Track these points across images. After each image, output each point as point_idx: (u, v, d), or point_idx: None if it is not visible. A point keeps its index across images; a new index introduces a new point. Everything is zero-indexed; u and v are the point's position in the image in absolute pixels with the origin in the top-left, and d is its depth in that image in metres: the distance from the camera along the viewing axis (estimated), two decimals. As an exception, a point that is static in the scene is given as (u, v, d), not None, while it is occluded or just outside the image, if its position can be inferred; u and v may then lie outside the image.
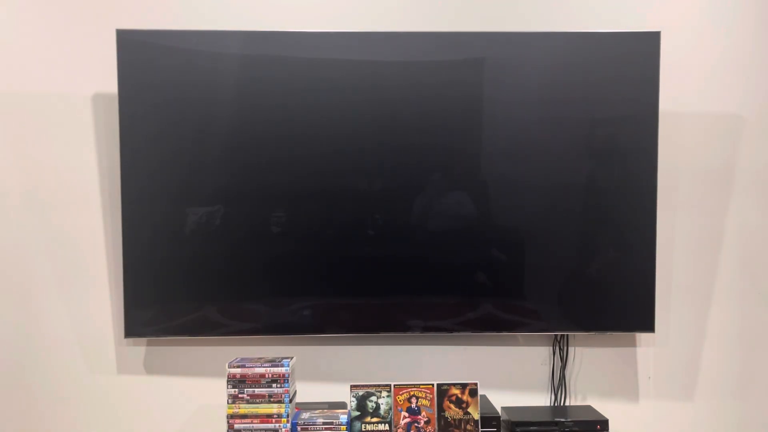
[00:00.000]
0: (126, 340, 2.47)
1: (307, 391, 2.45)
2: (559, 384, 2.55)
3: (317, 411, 2.27)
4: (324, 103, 2.36)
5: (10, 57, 2.44)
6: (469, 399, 2.25)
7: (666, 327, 2.57)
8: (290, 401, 2.20)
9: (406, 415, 2.24)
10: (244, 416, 2.17)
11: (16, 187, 2.46)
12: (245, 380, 2.18)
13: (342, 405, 2.35)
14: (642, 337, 2.58)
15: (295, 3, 2.49)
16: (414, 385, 2.26)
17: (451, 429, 2.24)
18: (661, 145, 2.39)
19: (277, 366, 2.19)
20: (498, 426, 2.26)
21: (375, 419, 2.24)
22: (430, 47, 2.37)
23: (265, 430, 2.17)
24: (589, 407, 2.47)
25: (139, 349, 2.52)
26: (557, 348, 2.55)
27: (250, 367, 2.18)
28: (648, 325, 2.43)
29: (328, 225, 2.40)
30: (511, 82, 2.38)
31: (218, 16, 2.47)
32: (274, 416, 2.17)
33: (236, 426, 2.17)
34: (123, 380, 2.52)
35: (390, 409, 2.24)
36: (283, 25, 2.43)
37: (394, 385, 2.25)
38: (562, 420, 2.30)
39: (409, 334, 2.46)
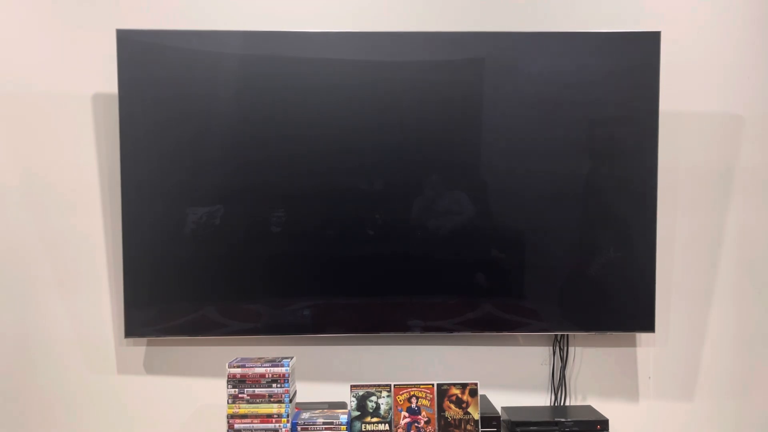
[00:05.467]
0: (126, 340, 2.47)
1: (307, 391, 2.45)
2: (559, 384, 2.55)
3: (317, 411, 2.27)
4: (324, 102, 2.36)
5: (10, 57, 2.44)
6: (469, 399, 2.25)
7: (666, 327, 2.57)
8: (290, 401, 2.20)
9: (406, 415, 2.24)
10: (244, 416, 2.17)
11: (16, 187, 2.46)
12: (245, 380, 2.18)
13: (342, 405, 2.35)
14: (642, 337, 2.58)
15: (295, 3, 2.49)
16: (414, 385, 2.26)
17: (451, 429, 2.24)
18: (661, 145, 2.39)
19: (277, 366, 2.19)
20: (498, 426, 2.26)
21: (375, 419, 2.24)
22: (430, 47, 2.38)
23: (265, 430, 2.17)
24: (589, 407, 2.47)
25: (139, 349, 2.52)
26: (557, 348, 2.55)
27: (250, 367, 2.18)
28: (648, 325, 2.43)
29: (328, 225, 2.40)
30: (511, 82, 2.38)
31: (218, 16, 2.47)
32: (274, 416, 2.17)
33: (236, 426, 2.17)
34: (123, 380, 2.52)
35: (390, 409, 2.24)
36: (283, 25, 2.43)
37: (394, 385, 2.25)
38: (562, 420, 2.30)
39: (409, 334, 2.46)
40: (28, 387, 2.49)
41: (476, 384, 2.26)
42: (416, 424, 2.24)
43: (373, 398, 2.25)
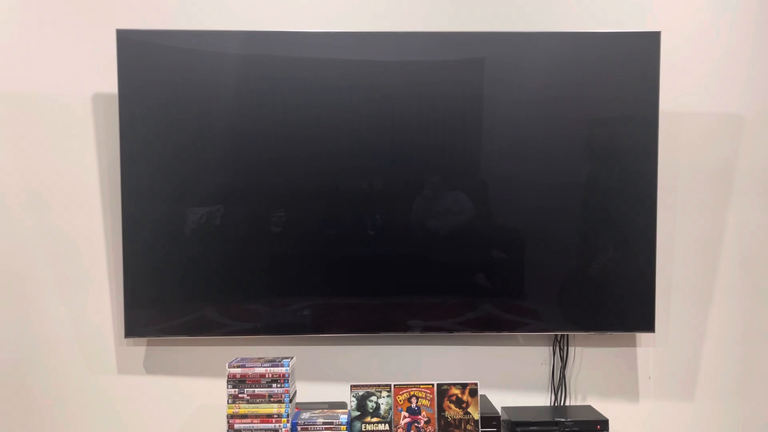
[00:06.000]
0: (126, 340, 2.47)
1: (307, 391, 2.45)
2: (559, 384, 2.55)
3: (317, 411, 2.27)
4: (324, 103, 2.36)
5: (10, 57, 2.44)
6: (469, 399, 2.25)
7: (666, 327, 2.57)
8: (290, 401, 2.20)
9: (406, 415, 2.24)
10: (244, 416, 2.17)
11: (16, 187, 2.46)
12: (245, 380, 2.18)
13: (342, 405, 2.35)
14: (642, 337, 2.58)
15: (295, 3, 2.49)
16: (414, 385, 2.26)
17: (451, 429, 2.24)
18: (661, 145, 2.39)
19: (277, 366, 2.19)
20: (498, 426, 2.26)
21: (375, 419, 2.24)
22: (430, 47, 2.37)
23: (265, 430, 2.17)
24: (589, 407, 2.47)
25: (139, 349, 2.52)
26: (557, 348, 2.55)
27: (250, 367, 2.18)
28: (648, 325, 2.43)
29: (328, 225, 2.40)
30: (511, 82, 2.38)
31: (218, 16, 2.47)
32: (274, 416, 2.17)
33: (236, 426, 2.17)
34: (123, 380, 2.52)
35: (390, 409, 2.24)
36: (283, 25, 2.43)
37: (394, 385, 2.25)
38: (562, 420, 2.30)
39: (409, 334, 2.46)
40: (28, 387, 2.49)
41: (476, 384, 2.26)
42: (416, 424, 2.24)
43: (373, 398, 2.25)
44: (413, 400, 2.24)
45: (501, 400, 2.47)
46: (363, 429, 2.23)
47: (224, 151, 2.38)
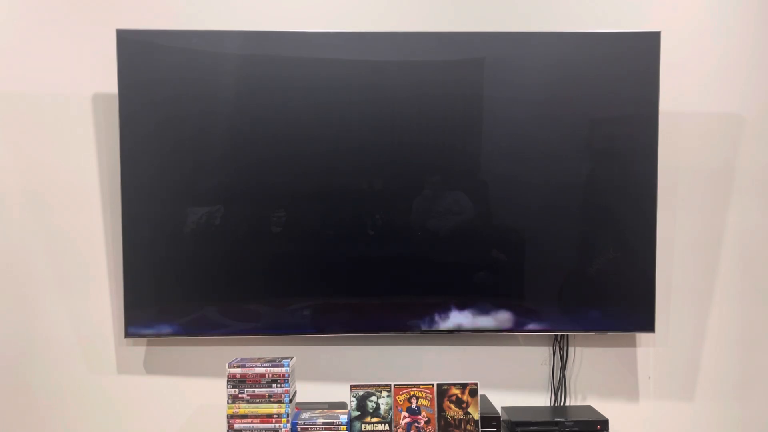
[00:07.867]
0: (126, 340, 2.47)
1: (307, 391, 2.45)
2: (559, 384, 2.55)
3: (317, 411, 2.27)
4: (324, 103, 2.36)
5: (10, 57, 2.44)
6: (469, 399, 2.25)
7: (666, 327, 2.57)
8: (290, 401, 2.20)
9: (406, 415, 2.24)
10: (244, 416, 2.17)
11: (16, 187, 2.46)
12: (245, 380, 2.18)
13: (342, 405, 2.35)
14: (642, 337, 2.58)
15: (295, 3, 2.49)
16: (414, 385, 2.26)
17: (451, 429, 2.24)
18: (661, 145, 2.39)
19: (277, 366, 2.19)
20: (498, 426, 2.26)
21: (375, 419, 2.24)
22: (430, 47, 2.38)
23: (265, 430, 2.17)
24: (589, 407, 2.47)
25: (139, 349, 2.52)
26: (557, 348, 2.55)
27: (250, 367, 2.18)
28: (648, 325, 2.43)
29: (328, 225, 2.40)
30: (511, 82, 2.38)
31: (218, 16, 2.47)
32: (274, 416, 2.17)
33: (236, 426, 2.17)
34: (123, 380, 2.52)
35: (390, 409, 2.24)
36: (283, 25, 2.43)
37: (394, 385, 2.25)
38: (562, 420, 2.30)
39: (409, 334, 2.46)
40: (28, 387, 2.49)
41: (476, 384, 2.26)
42: (416, 424, 2.24)
43: (373, 398, 2.25)
44: (413, 400, 2.24)
45: (501, 400, 2.47)
46: (363, 429, 2.23)
47: (224, 150, 2.38)
